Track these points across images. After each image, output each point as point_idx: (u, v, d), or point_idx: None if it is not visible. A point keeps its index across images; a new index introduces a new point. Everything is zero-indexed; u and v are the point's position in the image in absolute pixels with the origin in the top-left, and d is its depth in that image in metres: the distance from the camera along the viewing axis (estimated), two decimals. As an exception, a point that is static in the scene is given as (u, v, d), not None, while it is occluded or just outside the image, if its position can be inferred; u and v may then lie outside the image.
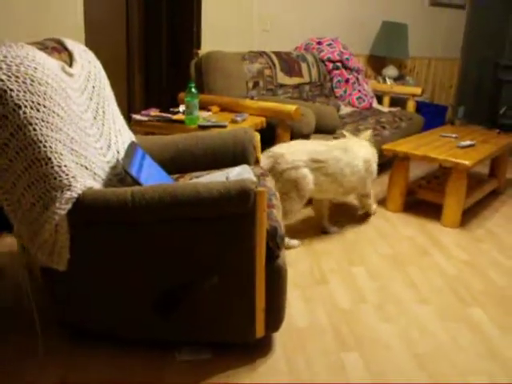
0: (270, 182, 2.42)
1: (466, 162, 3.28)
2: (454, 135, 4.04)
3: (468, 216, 3.68)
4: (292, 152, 2.90)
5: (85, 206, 1.77)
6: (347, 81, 5.04)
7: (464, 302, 2.54)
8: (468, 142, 3.73)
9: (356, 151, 3.13)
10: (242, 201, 1.74)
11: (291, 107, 3.27)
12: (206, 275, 1.85)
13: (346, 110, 4.91)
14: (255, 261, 1.84)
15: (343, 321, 2.32)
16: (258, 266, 1.85)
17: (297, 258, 2.90)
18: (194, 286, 1.87)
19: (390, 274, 2.79)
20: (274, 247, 1.90)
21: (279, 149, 2.94)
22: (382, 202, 3.77)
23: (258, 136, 2.65)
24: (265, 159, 2.88)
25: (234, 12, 4.49)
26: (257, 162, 2.66)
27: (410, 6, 6.15)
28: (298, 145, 2.98)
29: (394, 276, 2.76)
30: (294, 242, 3.05)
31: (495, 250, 3.19)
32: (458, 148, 3.65)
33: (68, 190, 1.75)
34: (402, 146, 3.57)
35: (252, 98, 3.98)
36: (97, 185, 1.94)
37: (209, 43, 4.36)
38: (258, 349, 2.07)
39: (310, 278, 2.68)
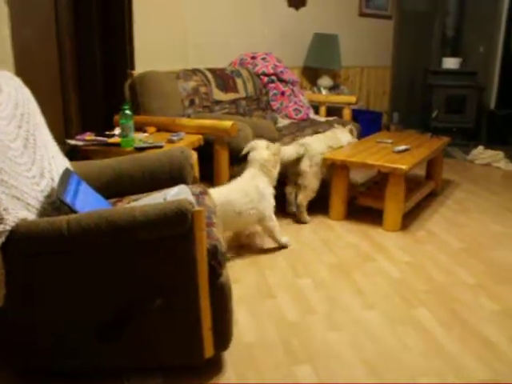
0: (209, 200, 2.40)
1: (403, 167, 3.35)
2: (389, 141, 4.13)
3: (408, 219, 3.75)
4: None
5: (19, 238, 1.72)
6: (283, 93, 5.09)
7: (409, 304, 2.59)
8: (403, 147, 3.82)
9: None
10: (179, 222, 1.72)
11: (227, 123, 3.27)
12: (149, 298, 1.81)
13: (283, 122, 4.95)
14: (198, 280, 1.82)
15: (293, 333, 2.32)
16: (200, 286, 1.83)
17: (242, 273, 2.89)
18: (137, 310, 1.83)
19: (336, 282, 2.81)
20: (216, 265, 1.88)
21: None
22: (324, 211, 3.80)
23: (194, 155, 2.64)
24: None
25: (166, 30, 4.47)
26: (195, 180, 2.65)
27: (340, 18, 6.29)
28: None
29: (340, 284, 2.79)
30: (285, 238, 3.18)
31: (436, 250, 3.27)
32: (394, 153, 3.73)
33: (0, 223, 1.69)
34: (340, 155, 3.62)
35: (188, 117, 3.97)
36: (31, 215, 1.88)
37: (143, 63, 4.31)
38: (209, 369, 2.04)
39: (256, 293, 2.67)
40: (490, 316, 2.50)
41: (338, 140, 3.95)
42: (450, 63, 6.77)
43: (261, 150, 3.19)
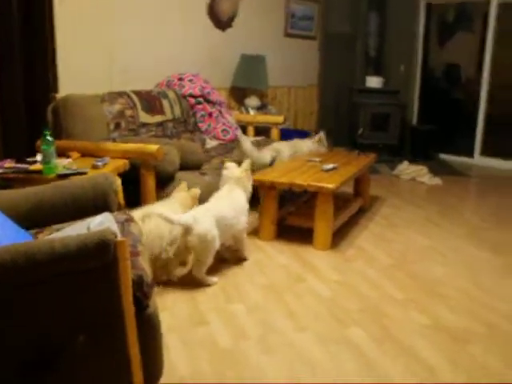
0: (134, 228, 2.33)
1: (330, 186, 3.39)
2: (318, 159, 4.18)
3: (338, 237, 3.79)
4: None
5: None
6: (211, 115, 5.08)
7: (342, 323, 2.59)
8: (331, 165, 3.87)
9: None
10: (101, 253, 1.64)
11: (153, 147, 3.22)
12: (73, 335, 1.72)
13: (211, 143, 4.93)
14: (123, 314, 1.75)
15: (226, 361, 2.27)
16: (126, 319, 1.76)
17: (173, 301, 2.82)
18: (60, 348, 1.74)
19: (269, 305, 2.78)
20: (142, 296, 1.82)
21: None
22: (254, 232, 3.79)
23: (118, 181, 2.57)
24: None
25: (91, 53, 4.37)
26: (120, 207, 2.57)
27: (266, 38, 6.36)
28: None
29: (272, 307, 2.76)
30: (213, 279, 3.03)
31: (366, 267, 3.31)
32: (323, 172, 3.77)
33: None
34: (269, 175, 3.63)
35: (114, 140, 3.88)
36: None
37: (67, 86, 4.19)
38: (139, 405, 1.96)
39: (188, 321, 2.61)
40: (421, 330, 2.54)
41: (300, 147, 4.66)
42: (373, 82, 6.97)
43: (232, 169, 3.31)
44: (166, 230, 2.88)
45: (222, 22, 5.74)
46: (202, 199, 3.53)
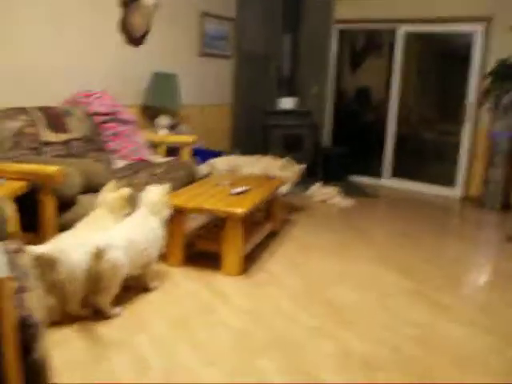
0: (24, 259, 2.14)
1: (239, 211, 3.30)
2: (227, 182, 4.09)
3: (249, 261, 3.71)
4: None
5: None
6: (119, 134, 4.88)
7: (251, 355, 2.50)
8: (240, 189, 3.79)
9: None
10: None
11: (52, 168, 3.01)
12: None
13: (120, 163, 4.74)
14: (5, 360, 1.56)
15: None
16: (9, 367, 1.58)
17: (69, 336, 2.61)
18: None
19: (175, 337, 2.64)
20: (28, 339, 1.64)
21: None
22: (161, 257, 3.63)
23: (11, 206, 2.36)
24: None
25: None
26: (13, 235, 2.36)
27: (179, 57, 6.24)
28: None
29: (179, 340, 2.62)
30: (116, 309, 2.83)
31: (276, 293, 3.24)
32: (232, 195, 3.68)
33: None
34: (176, 199, 3.49)
35: (13, 160, 3.63)
36: None
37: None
38: None
39: (88, 357, 2.43)
40: (329, 359, 2.49)
41: (238, 161, 5.05)
42: (287, 103, 7.00)
43: (151, 193, 3.17)
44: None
45: (134, 37, 5.57)
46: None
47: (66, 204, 3.23)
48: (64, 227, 3.17)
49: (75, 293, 2.68)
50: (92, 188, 3.54)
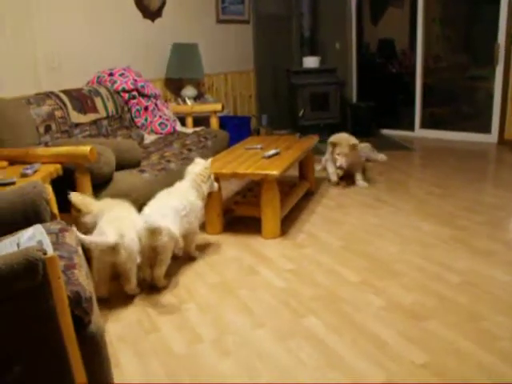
0: (70, 238, 2.18)
1: (274, 172, 3.30)
2: (258, 146, 4.08)
3: (287, 223, 3.72)
4: None
5: None
6: (146, 108, 4.90)
7: (298, 314, 2.51)
8: (273, 151, 3.78)
9: None
10: (29, 274, 1.49)
11: (85, 149, 3.04)
12: (5, 367, 1.57)
13: (150, 138, 4.77)
14: (62, 336, 1.61)
15: (181, 368, 2.15)
16: (67, 341, 1.62)
17: (121, 309, 2.68)
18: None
19: (222, 303, 2.68)
20: (82, 314, 1.68)
21: None
22: (201, 227, 3.67)
23: (49, 188, 2.40)
24: None
25: (12, 52, 4.12)
26: (53, 217, 2.40)
27: (198, 26, 6.19)
28: None
29: (225, 304, 2.66)
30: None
31: (317, 252, 3.24)
32: (264, 159, 3.67)
33: None
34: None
35: (46, 144, 3.68)
36: None
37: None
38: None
39: (138, 329, 2.48)
40: (378, 313, 2.48)
41: None
42: (310, 62, 6.90)
43: (196, 166, 3.22)
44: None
45: (150, 12, 5.54)
46: (143, 198, 3.40)
47: (101, 182, 3.27)
48: (102, 205, 3.22)
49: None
50: (126, 164, 3.58)
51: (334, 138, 4.66)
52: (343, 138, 4.60)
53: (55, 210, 2.44)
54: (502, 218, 3.71)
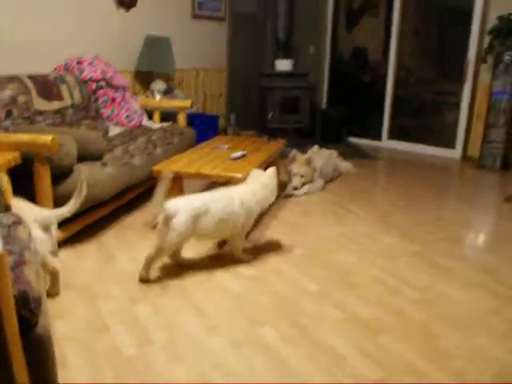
0: (23, 231, 2.09)
1: (239, 175, 3.25)
2: (225, 146, 4.03)
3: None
4: None
5: None
6: (114, 100, 4.80)
7: (254, 322, 2.47)
8: (240, 153, 3.74)
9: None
10: (-28, 271, 1.42)
11: (46, 138, 2.94)
12: None
13: (115, 130, 4.68)
14: (5, 337, 1.53)
15: (131, 371, 2.09)
16: (10, 343, 1.54)
17: (71, 305, 2.59)
18: None
19: (176, 304, 2.62)
20: (29, 315, 1.61)
21: None
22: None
23: (4, 178, 2.30)
24: None
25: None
26: (7, 209, 2.31)
27: (172, 20, 6.11)
28: None
29: (179, 306, 2.60)
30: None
31: (278, 259, 3.20)
32: (231, 160, 3.63)
33: None
34: (174, 165, 3.44)
35: (6, 130, 3.56)
36: None
37: None
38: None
39: (88, 327, 2.40)
40: (335, 325, 2.46)
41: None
42: (283, 65, 6.88)
43: (259, 174, 3.17)
44: None
45: (125, 1, 5.44)
46: (104, 193, 3.32)
47: (61, 174, 3.17)
48: (61, 197, 3.13)
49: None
50: (88, 156, 3.49)
51: (293, 152, 4.68)
52: (300, 156, 4.64)
53: (10, 200, 2.35)
54: (461, 233, 3.75)
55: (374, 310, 2.62)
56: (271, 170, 3.14)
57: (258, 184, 3.07)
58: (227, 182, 3.28)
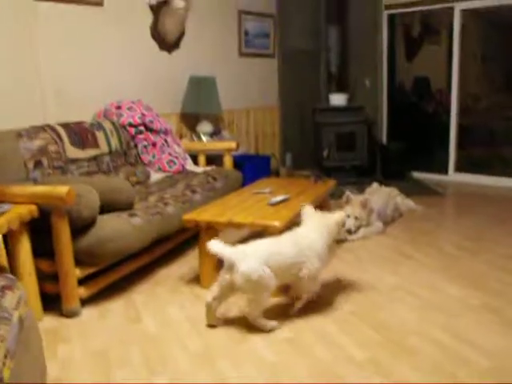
0: (11, 299, 1.81)
1: (276, 224, 2.89)
2: (267, 190, 3.70)
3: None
4: None
5: None
6: (154, 145, 4.58)
7: (285, 400, 2.08)
8: (280, 198, 3.39)
9: None
10: None
11: (62, 189, 2.71)
12: None
13: (156, 176, 4.44)
14: None
15: None
16: None
17: (85, 376, 2.28)
18: None
19: (196, 376, 2.26)
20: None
21: None
22: (195, 280, 3.28)
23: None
24: None
25: (11, 83, 3.88)
26: (1, 270, 2.05)
27: (218, 59, 5.91)
28: None
29: (202, 378, 2.24)
30: (273, 323, 2.66)
31: (321, 317, 2.79)
32: (269, 206, 3.28)
33: None
34: (206, 214, 3.12)
35: (35, 181, 3.38)
36: None
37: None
38: None
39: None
40: (381, 405, 2.03)
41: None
42: (337, 100, 6.52)
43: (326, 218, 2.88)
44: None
45: (167, 43, 5.28)
46: (131, 246, 3.05)
47: (81, 227, 2.92)
48: (84, 250, 2.88)
49: None
50: (117, 206, 3.24)
51: (347, 194, 4.26)
52: (355, 198, 4.20)
53: (4, 262, 2.09)
54: (542, 282, 3.21)
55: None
56: (339, 216, 2.84)
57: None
58: (263, 232, 2.93)
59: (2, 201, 2.83)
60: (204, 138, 5.32)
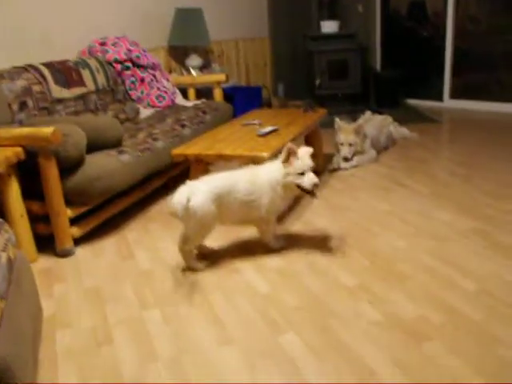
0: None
1: (264, 154, 2.87)
2: (256, 121, 3.65)
3: (284, 210, 3.29)
4: None
5: None
6: (142, 80, 4.50)
7: (276, 329, 2.12)
8: (269, 128, 3.35)
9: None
10: None
11: (47, 130, 2.67)
12: None
13: (146, 112, 4.39)
14: None
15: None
16: None
17: (78, 312, 2.33)
18: None
19: (189, 310, 2.30)
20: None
21: None
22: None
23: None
24: None
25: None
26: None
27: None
28: None
29: (193, 313, 2.28)
30: (200, 265, 2.66)
31: (312, 247, 2.81)
32: (258, 137, 3.25)
33: None
34: (195, 147, 3.10)
35: (20, 123, 3.34)
36: None
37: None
38: None
39: (91, 341, 2.13)
40: (370, 330, 2.07)
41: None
42: (328, 26, 6.35)
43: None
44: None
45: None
46: (120, 184, 3.04)
47: (70, 166, 2.90)
48: (73, 190, 2.87)
49: None
50: (107, 144, 3.21)
51: (337, 123, 4.21)
52: (346, 126, 4.17)
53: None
54: (533, 205, 3.22)
55: (421, 309, 2.19)
56: (305, 151, 2.69)
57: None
58: (252, 163, 2.91)
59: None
60: (193, 72, 5.22)
